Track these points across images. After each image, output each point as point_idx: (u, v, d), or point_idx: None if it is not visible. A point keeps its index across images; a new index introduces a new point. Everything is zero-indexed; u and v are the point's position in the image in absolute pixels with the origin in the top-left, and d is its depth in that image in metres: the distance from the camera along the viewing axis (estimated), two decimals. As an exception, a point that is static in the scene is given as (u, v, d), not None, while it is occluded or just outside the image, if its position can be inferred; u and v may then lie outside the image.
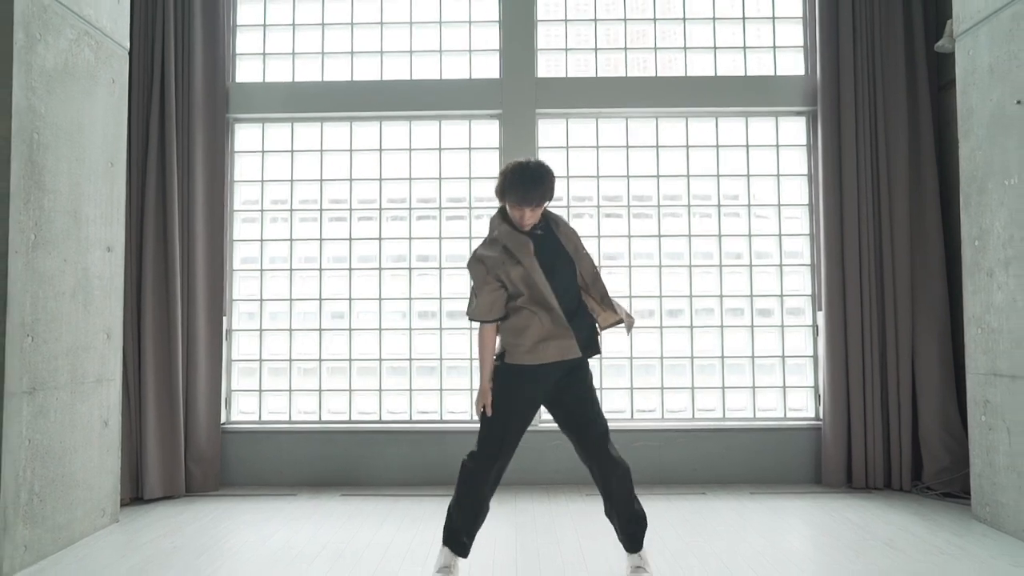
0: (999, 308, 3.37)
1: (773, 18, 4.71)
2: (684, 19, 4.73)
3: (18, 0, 2.93)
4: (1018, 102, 3.24)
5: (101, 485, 3.49)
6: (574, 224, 4.57)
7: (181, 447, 4.19)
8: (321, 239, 4.65)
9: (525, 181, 2.65)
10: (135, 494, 4.06)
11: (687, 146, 4.66)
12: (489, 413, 2.73)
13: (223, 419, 4.45)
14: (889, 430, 4.21)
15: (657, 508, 3.84)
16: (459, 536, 2.73)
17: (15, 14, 2.91)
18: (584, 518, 3.67)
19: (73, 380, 3.27)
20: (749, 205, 4.63)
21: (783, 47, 4.71)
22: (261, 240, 4.65)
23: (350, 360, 4.57)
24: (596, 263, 2.90)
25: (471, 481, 2.72)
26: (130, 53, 4.18)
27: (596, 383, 4.50)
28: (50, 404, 3.11)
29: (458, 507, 2.73)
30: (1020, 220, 3.24)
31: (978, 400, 3.52)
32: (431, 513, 3.78)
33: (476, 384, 4.48)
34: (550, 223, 2.82)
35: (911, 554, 3.08)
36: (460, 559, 2.79)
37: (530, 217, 2.70)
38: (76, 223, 3.32)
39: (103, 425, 3.51)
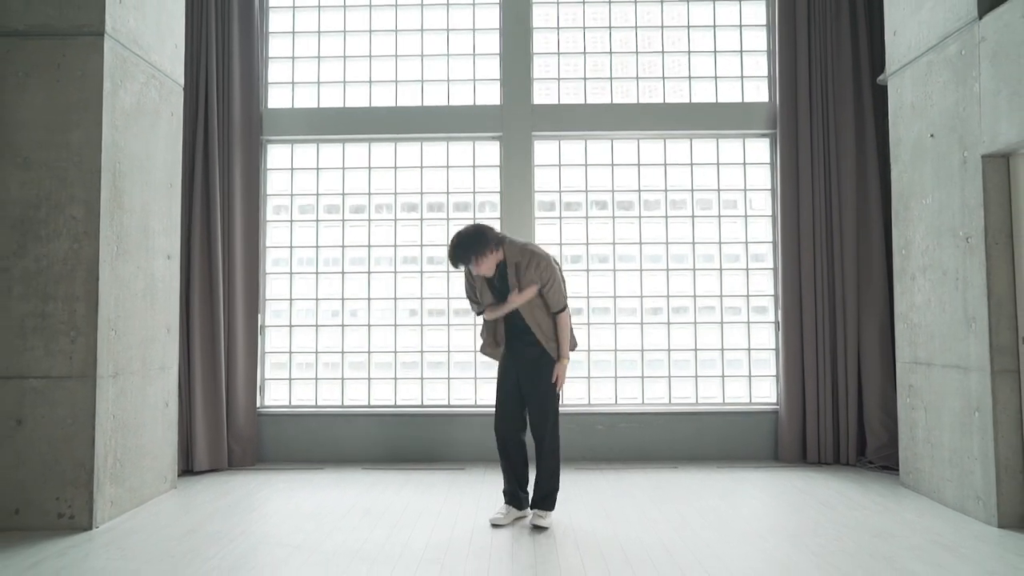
0: (919, 307, 4.01)
1: (741, 51, 5.35)
2: (663, 52, 5.36)
3: (107, 53, 3.58)
4: (931, 136, 3.88)
5: (164, 455, 4.14)
6: (567, 229, 5.23)
7: (224, 427, 4.83)
8: (343, 246, 5.29)
9: (450, 248, 3.48)
10: (186, 467, 4.71)
11: (665, 164, 5.30)
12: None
13: (259, 404, 5.10)
14: (838, 412, 4.85)
15: (634, 479, 4.48)
16: (504, 489, 3.63)
17: (104, 66, 3.56)
18: (572, 487, 4.31)
19: (144, 367, 3.92)
20: (719, 216, 5.27)
21: (750, 77, 5.35)
22: (290, 247, 5.30)
23: (368, 353, 5.22)
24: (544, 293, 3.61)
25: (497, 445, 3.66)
26: (183, 88, 4.83)
27: (584, 373, 5.16)
28: (128, 386, 3.76)
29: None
30: (933, 233, 3.88)
31: (904, 384, 4.16)
32: (442, 482, 4.42)
33: (479, 374, 5.13)
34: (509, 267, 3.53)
35: (841, 511, 3.72)
36: (513, 508, 3.61)
37: (476, 269, 3.47)
38: (145, 236, 3.96)
39: (165, 406, 4.16)
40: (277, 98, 5.40)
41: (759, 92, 5.34)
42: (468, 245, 3.43)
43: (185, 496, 4.14)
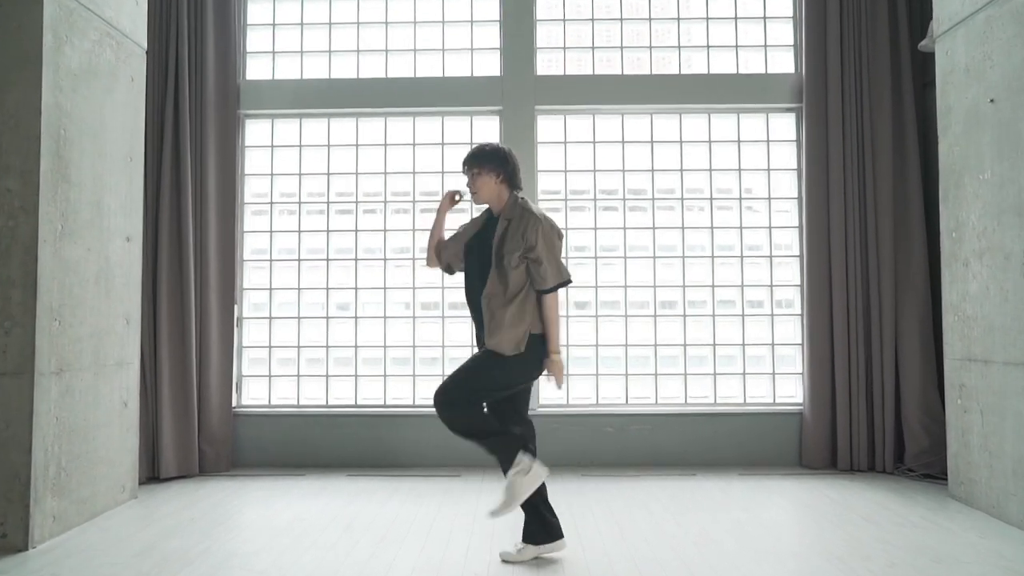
0: (974, 296, 3.55)
1: (764, 18, 4.88)
2: (678, 19, 4.89)
3: (47, 4, 3.12)
4: (991, 101, 3.41)
5: (121, 462, 3.69)
6: (573, 213, 4.77)
7: (195, 429, 4.38)
8: (328, 231, 4.83)
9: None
10: (152, 473, 4.26)
11: (681, 141, 4.84)
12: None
13: (234, 403, 4.65)
14: (873, 414, 4.39)
15: (647, 487, 4.03)
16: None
17: (44, 18, 3.10)
18: (580, 496, 3.86)
19: (96, 362, 3.47)
20: (740, 199, 4.81)
21: (774, 46, 4.87)
22: (270, 231, 4.84)
23: (355, 348, 4.76)
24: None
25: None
26: (146, 52, 4.37)
27: (591, 370, 4.70)
28: (75, 384, 3.31)
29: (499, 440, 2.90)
30: (993, 213, 3.41)
31: (954, 384, 3.70)
32: (434, 490, 3.97)
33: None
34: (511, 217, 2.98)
35: (886, 527, 3.26)
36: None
37: (472, 185, 2.99)
38: (99, 214, 3.51)
39: (123, 406, 3.71)
40: (256, 69, 4.93)
41: (784, 62, 4.87)
42: (483, 154, 2.98)
43: (146, 507, 3.69)
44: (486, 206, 3.07)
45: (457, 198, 3.15)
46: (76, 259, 3.33)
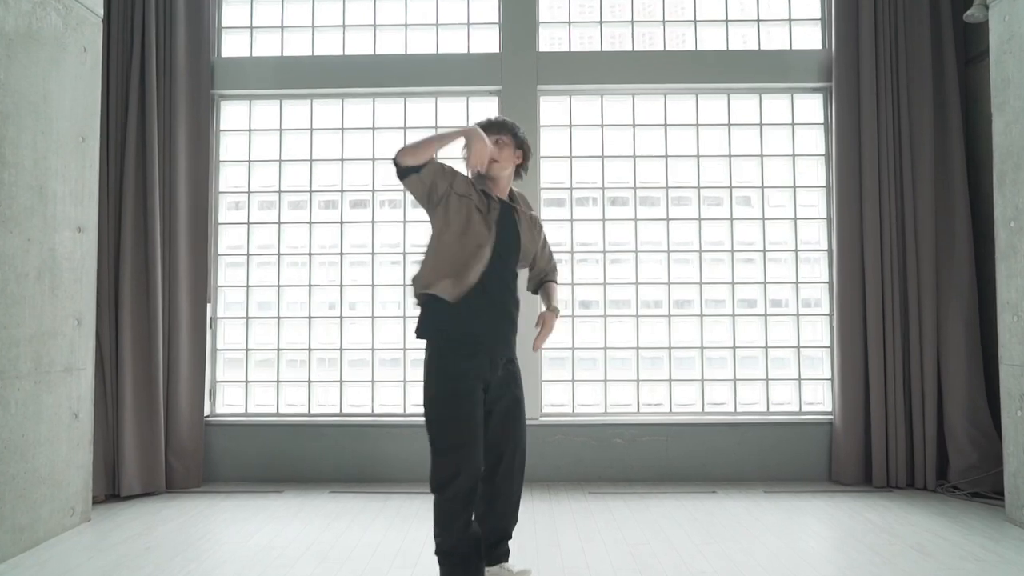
0: (1037, 293, 3.12)
1: (789, -11, 4.46)
2: (694, -10, 4.47)
3: (-29, -46, 2.70)
4: (1061, 69, 2.99)
5: (70, 482, 3.26)
6: (579, 207, 4.35)
7: (161, 441, 3.96)
8: (311, 223, 4.41)
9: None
10: (111, 491, 3.83)
11: (697, 125, 4.41)
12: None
13: (206, 411, 4.23)
14: (912, 424, 3.96)
15: (662, 506, 3.61)
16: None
17: (-32, -31, 2.68)
18: (587, 518, 3.43)
19: (37, 369, 3.04)
20: (763, 187, 4.38)
21: (799, 20, 4.44)
22: (248, 223, 4.42)
23: (341, 350, 4.34)
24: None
25: None
26: (108, 24, 3.95)
27: (599, 375, 4.29)
28: (10, 395, 2.88)
29: None
30: (1061, 198, 2.98)
31: (1013, 394, 3.27)
32: (423, 511, 3.54)
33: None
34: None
35: (943, 560, 2.83)
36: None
37: (493, 150, 2.47)
38: (42, 200, 3.08)
39: (72, 417, 3.28)
40: (232, 45, 4.50)
41: (811, 37, 4.44)
42: (511, 124, 2.57)
43: (98, 533, 3.27)
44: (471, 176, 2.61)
45: (491, 159, 2.47)
46: (12, 251, 2.90)
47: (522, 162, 2.60)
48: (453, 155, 2.62)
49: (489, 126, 2.54)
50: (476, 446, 2.32)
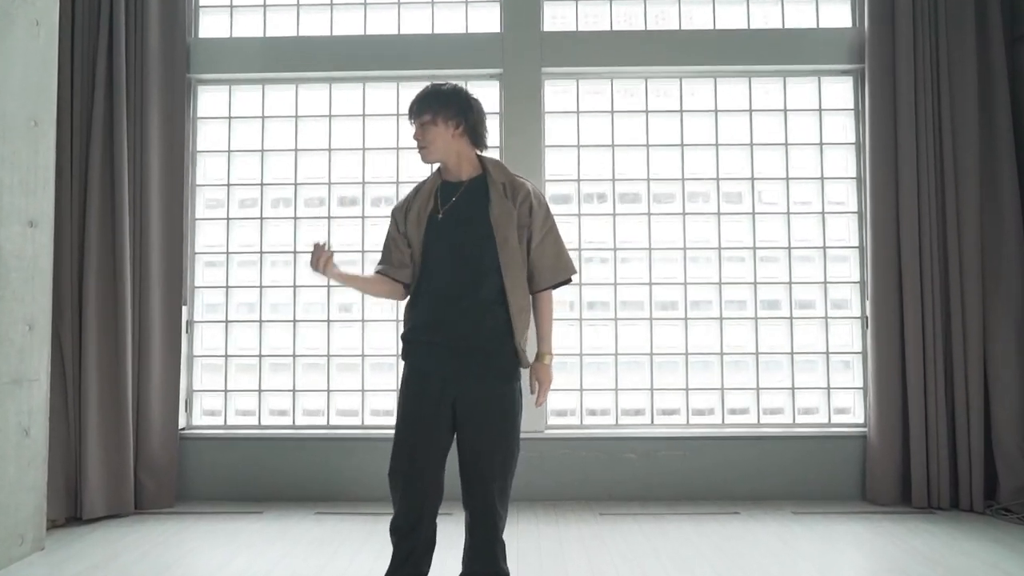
0: (1109, 294, 2.76)
1: (816, -37, 4.09)
2: (713, -36, 4.11)
3: None
4: None
5: (19, 506, 2.91)
6: (586, 202, 3.99)
7: (130, 457, 3.61)
8: (295, 218, 4.05)
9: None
10: (72, 513, 3.48)
11: (716, 111, 4.05)
12: None
13: (182, 423, 3.87)
14: (956, 439, 3.60)
15: (682, 530, 3.25)
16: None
17: None
18: (597, 542, 3.08)
19: (-22, 381, 2.69)
20: (787, 179, 4.02)
21: (827, -4, 4.09)
22: (227, 219, 4.06)
23: (328, 356, 3.98)
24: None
25: None
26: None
27: (609, 384, 3.93)
28: (-57, 410, 2.53)
29: None
30: None
31: (1078, 406, 2.90)
32: (417, 538, 3.17)
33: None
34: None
35: (1009, 600, 2.48)
36: None
37: (420, 136, 2.30)
38: (-17, 190, 2.73)
39: (22, 434, 2.93)
40: (210, 25, 4.15)
41: (840, 15, 4.08)
42: (439, 94, 2.29)
43: (50, 564, 2.91)
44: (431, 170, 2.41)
45: (327, 249, 2.33)
46: (-54, 247, 2.56)
47: (467, 131, 2.29)
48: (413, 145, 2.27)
49: (409, 112, 2.32)
50: (414, 446, 2.32)
